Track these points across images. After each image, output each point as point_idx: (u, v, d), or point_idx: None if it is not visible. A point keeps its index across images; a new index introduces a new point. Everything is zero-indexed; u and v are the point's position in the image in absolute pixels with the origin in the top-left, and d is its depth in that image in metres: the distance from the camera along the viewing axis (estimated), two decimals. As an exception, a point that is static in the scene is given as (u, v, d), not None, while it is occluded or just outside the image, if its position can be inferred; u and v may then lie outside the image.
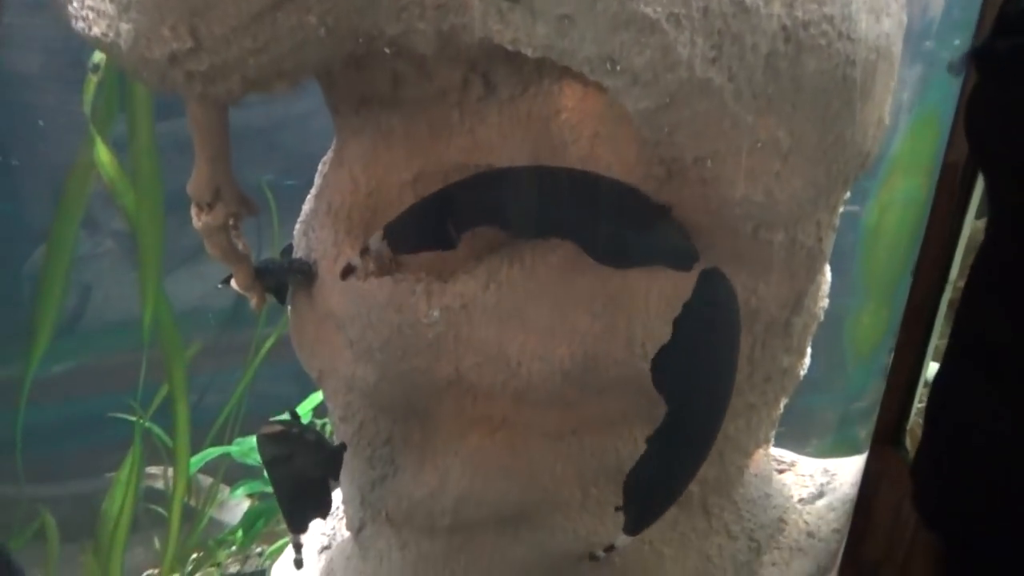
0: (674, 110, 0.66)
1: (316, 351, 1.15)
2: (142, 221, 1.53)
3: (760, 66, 0.66)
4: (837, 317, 1.09)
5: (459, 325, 0.92)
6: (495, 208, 0.87)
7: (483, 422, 1.08)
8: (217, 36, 0.60)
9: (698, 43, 0.61)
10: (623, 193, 0.80)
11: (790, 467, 1.49)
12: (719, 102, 0.66)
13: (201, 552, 2.19)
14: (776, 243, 0.85)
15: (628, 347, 0.91)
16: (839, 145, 0.77)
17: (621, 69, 0.60)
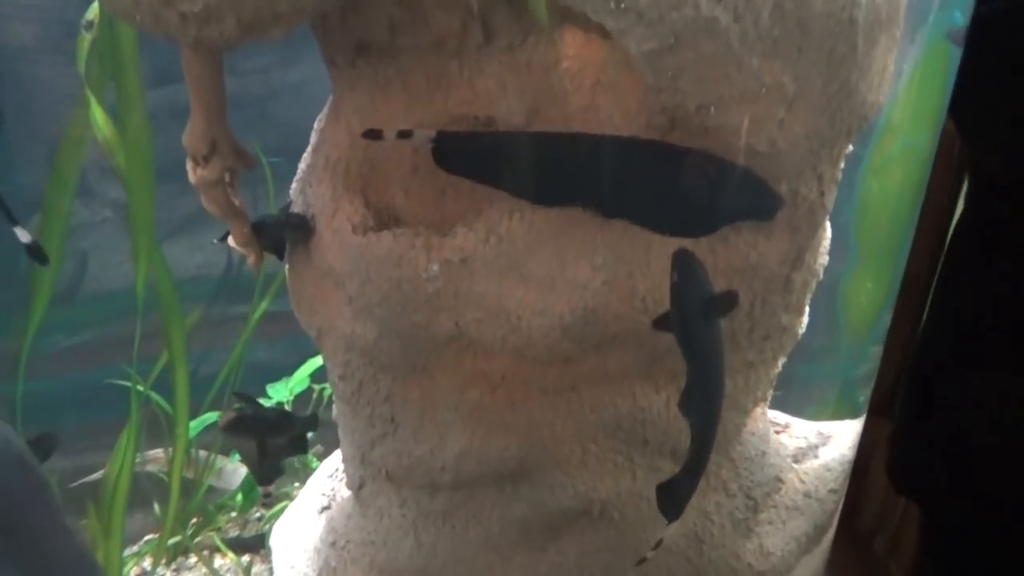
0: (679, 52, 0.65)
1: (315, 309, 1.15)
2: (133, 185, 1.51)
3: (767, 6, 0.64)
4: (836, 280, 1.08)
5: (458, 279, 0.91)
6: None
7: (483, 379, 1.08)
8: (212, -26, 0.59)
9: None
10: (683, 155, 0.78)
11: (784, 429, 1.50)
12: (724, 43, 0.65)
13: (201, 517, 2.20)
14: (778, 195, 0.84)
15: (629, 300, 0.90)
16: (844, 93, 0.76)
17: (625, 7, 0.59)
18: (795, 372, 1.18)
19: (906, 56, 0.98)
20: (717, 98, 0.71)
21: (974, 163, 1.01)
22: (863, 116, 0.82)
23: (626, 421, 1.08)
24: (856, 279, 1.34)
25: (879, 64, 0.78)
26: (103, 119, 1.58)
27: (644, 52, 0.65)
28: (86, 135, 1.63)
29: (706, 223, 0.79)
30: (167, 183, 1.66)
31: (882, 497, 1.85)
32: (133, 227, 1.63)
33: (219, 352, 2.17)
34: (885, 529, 1.88)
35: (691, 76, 0.68)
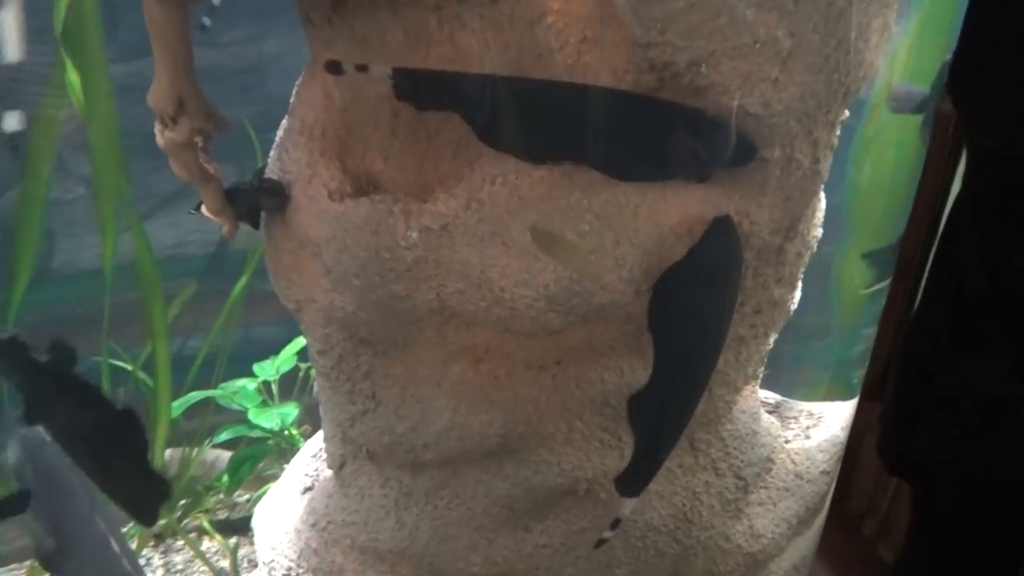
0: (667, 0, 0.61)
1: (292, 281, 1.11)
2: (99, 157, 1.47)
3: (760, -49, 0.61)
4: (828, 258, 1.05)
5: (439, 248, 0.88)
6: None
7: (466, 353, 1.04)
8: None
9: (693, -81, 0.56)
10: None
11: (775, 408, 1.48)
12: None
13: (190, 499, 2.17)
14: (771, 161, 0.81)
15: (615, 270, 0.87)
16: (842, 51, 0.73)
17: (610, -52, 0.55)
18: (786, 352, 1.16)
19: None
20: (708, 54, 0.68)
21: (972, 142, 0.98)
22: (861, 77, 0.79)
23: (613, 397, 1.05)
24: (849, 257, 1.31)
25: (879, 21, 0.75)
26: (79, 83, 1.53)
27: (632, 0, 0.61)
28: (63, 104, 1.59)
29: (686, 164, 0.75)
30: (143, 159, 1.62)
31: (872, 480, 1.84)
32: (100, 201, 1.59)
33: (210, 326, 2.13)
34: (875, 512, 1.87)
35: (680, 28, 0.65)
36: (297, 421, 2.03)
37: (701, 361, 0.92)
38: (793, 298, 1.13)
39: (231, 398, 2.08)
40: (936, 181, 1.53)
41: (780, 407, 1.49)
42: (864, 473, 1.82)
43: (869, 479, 1.82)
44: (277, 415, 2.06)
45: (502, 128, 0.79)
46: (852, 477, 1.83)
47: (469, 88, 0.79)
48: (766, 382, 1.28)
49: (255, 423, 2.04)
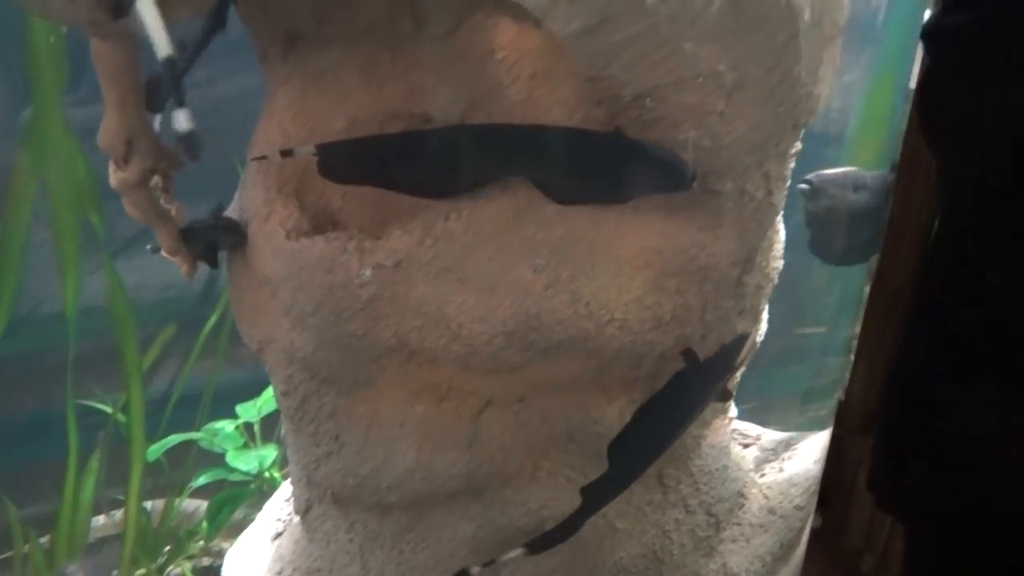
0: (606, 33, 0.62)
1: (254, 320, 1.10)
2: (57, 197, 1.45)
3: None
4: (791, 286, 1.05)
5: (394, 285, 0.87)
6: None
7: (429, 391, 1.03)
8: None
9: (625, -46, 0.57)
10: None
11: (755, 440, 1.46)
12: (653, 25, 0.62)
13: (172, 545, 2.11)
14: (724, 193, 0.81)
15: (572, 305, 0.86)
16: (787, 83, 0.73)
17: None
18: (750, 381, 1.15)
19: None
20: (652, 87, 0.68)
21: (945, 171, 0.98)
22: (809, 109, 0.79)
23: (578, 433, 1.03)
24: (812, 284, 1.31)
25: (824, 55, 0.75)
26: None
27: (568, 34, 0.61)
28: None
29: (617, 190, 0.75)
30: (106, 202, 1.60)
31: (869, 516, 1.82)
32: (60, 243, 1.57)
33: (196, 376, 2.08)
34: (873, 548, 1.84)
35: (622, 62, 0.65)
36: (278, 463, 1.99)
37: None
38: (758, 330, 1.12)
39: (211, 440, 2.04)
40: (923, 211, 1.54)
41: (761, 439, 1.47)
42: (860, 508, 1.79)
43: (865, 514, 1.79)
44: (255, 457, 2.02)
45: (432, 178, 0.79)
46: (848, 512, 1.81)
47: (391, 151, 0.79)
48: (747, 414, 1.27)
49: (233, 466, 2.00)
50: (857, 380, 1.69)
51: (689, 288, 0.92)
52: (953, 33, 0.85)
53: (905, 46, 1.11)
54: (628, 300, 0.89)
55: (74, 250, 1.67)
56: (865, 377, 1.61)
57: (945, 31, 0.86)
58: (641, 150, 0.72)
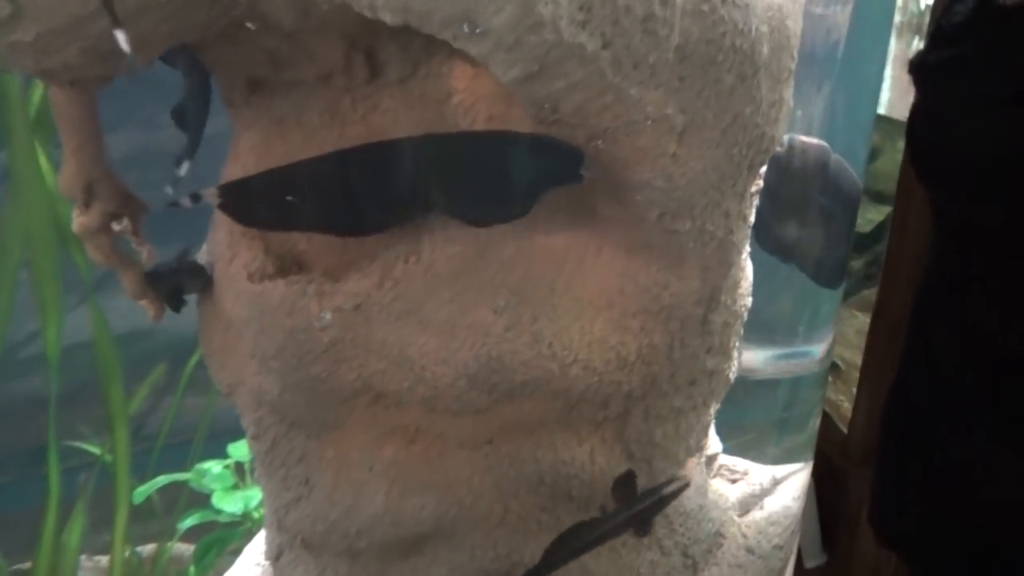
0: (547, 80, 0.62)
1: (223, 362, 1.09)
2: (34, 238, 1.46)
3: (638, 32, 0.62)
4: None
5: (355, 328, 0.87)
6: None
7: (398, 433, 1.02)
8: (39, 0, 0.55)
9: (561, 2, 0.57)
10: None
11: (743, 476, 1.44)
12: (596, 71, 0.62)
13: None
14: (684, 233, 0.81)
15: (534, 346, 0.86)
16: (738, 125, 0.73)
17: (481, 32, 0.56)
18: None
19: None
20: (602, 130, 0.68)
21: (935, 207, 0.99)
22: (764, 150, 0.80)
23: (548, 475, 1.02)
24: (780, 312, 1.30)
25: (773, 96, 0.76)
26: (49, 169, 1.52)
27: (511, 80, 0.61)
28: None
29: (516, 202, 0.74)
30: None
31: (874, 551, 1.79)
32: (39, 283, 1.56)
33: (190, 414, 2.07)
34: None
35: (569, 106, 0.65)
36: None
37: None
38: (730, 367, 1.11)
39: (199, 481, 2.01)
40: (919, 242, 1.53)
41: (748, 474, 1.45)
42: (866, 543, 1.76)
43: (871, 549, 1.76)
44: (241, 498, 1.99)
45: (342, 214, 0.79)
46: (854, 547, 1.77)
47: (297, 185, 0.79)
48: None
49: (218, 507, 1.97)
50: (860, 413, 1.67)
51: (654, 327, 0.91)
52: (939, 68, 0.86)
53: (871, 75, 1.12)
54: (591, 340, 0.89)
55: (54, 291, 1.67)
56: (867, 410, 1.60)
57: (931, 66, 0.87)
58: (528, 142, 0.71)
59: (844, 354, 2.07)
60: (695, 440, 1.14)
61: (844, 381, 2.01)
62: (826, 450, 1.64)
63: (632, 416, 1.02)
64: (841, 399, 1.95)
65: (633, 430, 1.03)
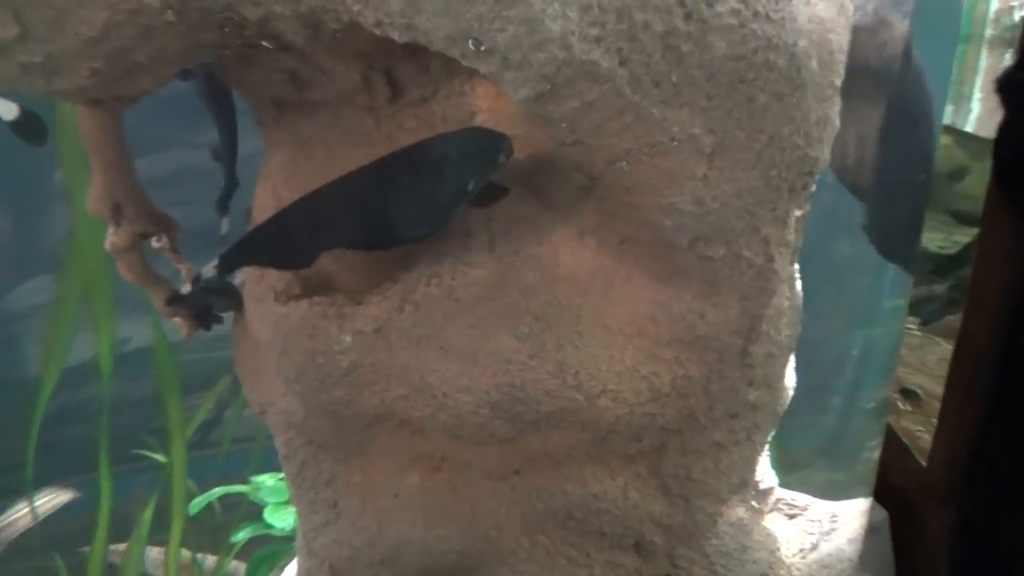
0: (561, 100, 0.59)
1: (255, 383, 1.09)
2: (88, 256, 1.50)
3: (658, 48, 0.58)
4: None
5: (375, 352, 0.84)
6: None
7: (423, 460, 0.99)
8: (44, 20, 0.55)
9: (572, 17, 0.54)
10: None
11: (802, 511, 1.36)
12: (613, 90, 0.59)
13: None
14: (718, 259, 0.76)
15: (559, 375, 0.82)
16: (775, 146, 0.68)
17: (487, 49, 0.53)
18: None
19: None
20: (625, 152, 0.64)
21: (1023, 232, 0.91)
22: (806, 172, 0.74)
23: (578, 510, 0.97)
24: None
25: (815, 114, 0.70)
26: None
27: (522, 99, 0.58)
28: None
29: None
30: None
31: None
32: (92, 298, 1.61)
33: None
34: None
35: (586, 127, 0.62)
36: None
37: None
38: (778, 399, 1.05)
39: (255, 494, 2.03)
40: (1005, 271, 1.42)
41: (807, 510, 1.37)
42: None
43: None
44: (291, 514, 2.00)
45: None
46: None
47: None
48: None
49: (269, 522, 1.98)
50: (940, 446, 1.56)
51: (689, 358, 0.86)
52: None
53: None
54: (621, 370, 0.84)
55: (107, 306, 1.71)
56: (948, 443, 1.49)
57: (1019, 83, 0.81)
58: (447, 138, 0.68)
59: (924, 383, 1.95)
60: (739, 476, 1.07)
61: (923, 411, 1.89)
62: (902, 485, 1.54)
63: (668, 450, 0.97)
64: (919, 430, 1.83)
65: (669, 464, 0.98)
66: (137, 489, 2.02)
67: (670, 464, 0.97)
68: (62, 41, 0.56)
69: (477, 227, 0.82)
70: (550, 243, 0.78)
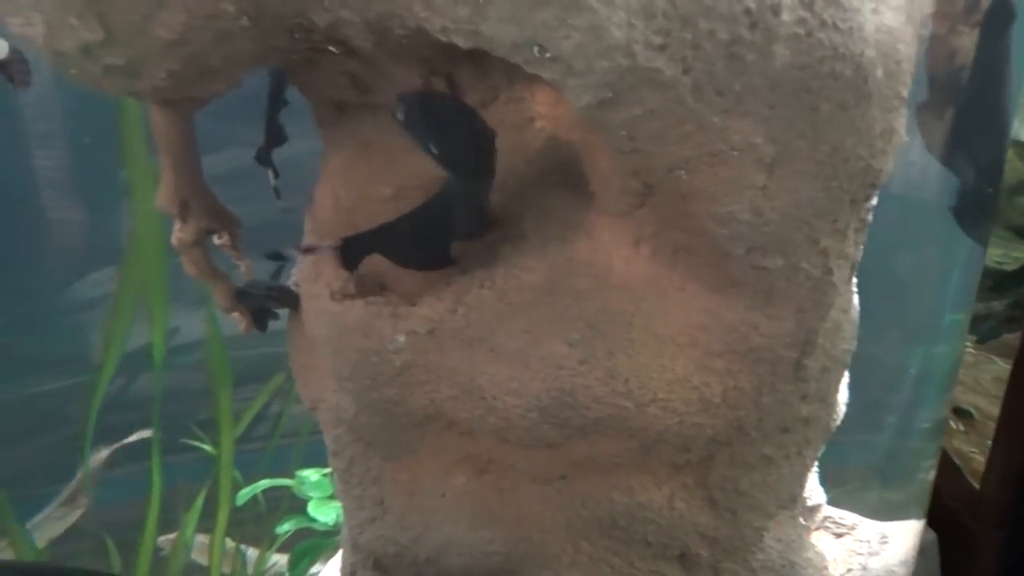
0: (622, 107, 0.59)
1: (308, 379, 1.11)
2: (143, 246, 1.54)
3: (722, 56, 0.57)
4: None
5: (428, 352, 0.85)
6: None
7: (470, 461, 1.00)
8: (128, 24, 0.57)
9: (637, 25, 0.54)
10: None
11: (850, 531, 1.34)
12: (675, 98, 0.58)
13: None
14: (774, 270, 0.75)
15: (609, 383, 0.82)
16: (838, 157, 0.67)
17: (551, 56, 0.54)
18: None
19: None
20: (684, 160, 0.64)
21: None
22: (869, 184, 0.73)
23: (623, 518, 0.97)
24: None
25: (880, 125, 0.69)
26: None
27: (584, 106, 0.59)
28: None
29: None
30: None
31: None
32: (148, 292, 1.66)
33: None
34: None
35: (647, 135, 0.62)
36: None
37: None
38: (831, 414, 1.03)
39: (299, 488, 2.07)
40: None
41: (856, 529, 1.35)
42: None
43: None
44: (335, 509, 2.03)
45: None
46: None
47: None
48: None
49: (313, 516, 2.01)
50: (994, 468, 1.52)
51: (741, 369, 0.85)
52: None
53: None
54: (672, 379, 0.84)
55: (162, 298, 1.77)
56: (1003, 465, 1.45)
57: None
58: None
59: (978, 402, 1.89)
60: (787, 491, 1.06)
61: (977, 432, 1.83)
62: (953, 506, 1.50)
63: (716, 461, 0.96)
64: (972, 451, 1.78)
65: (717, 476, 0.97)
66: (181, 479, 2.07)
67: (718, 476, 0.96)
68: (143, 44, 0.58)
69: (531, 232, 0.82)
70: (604, 250, 0.78)
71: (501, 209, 0.81)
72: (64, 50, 0.58)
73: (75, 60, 0.59)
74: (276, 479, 2.03)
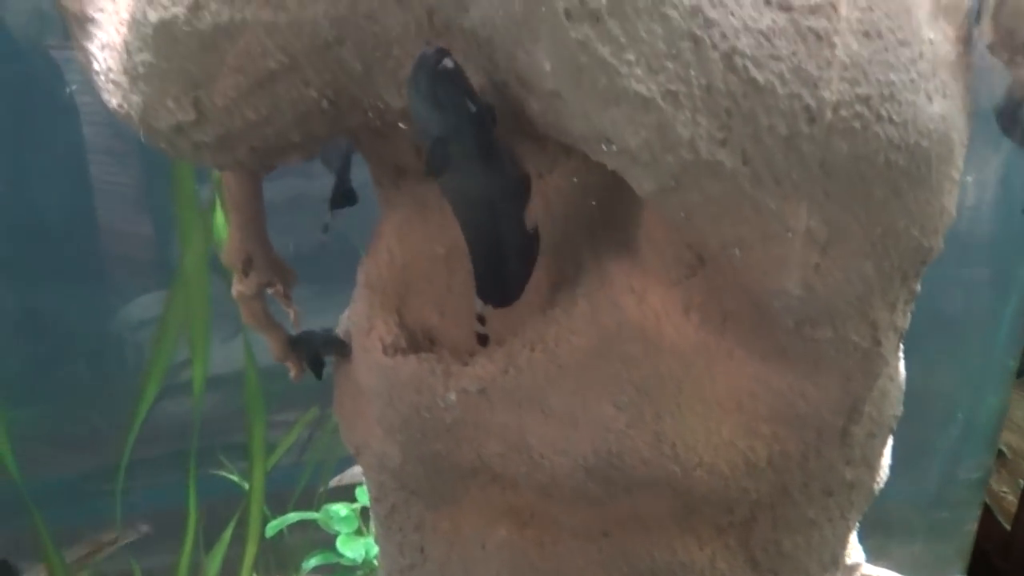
0: (683, 193, 0.61)
1: (353, 425, 1.13)
2: (189, 276, 1.59)
3: (780, 148, 0.60)
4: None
5: (478, 410, 0.88)
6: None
7: (512, 514, 1.02)
8: (219, 108, 0.61)
9: (701, 123, 0.57)
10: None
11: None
12: (734, 186, 0.61)
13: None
14: (823, 341, 0.77)
15: (656, 446, 0.83)
16: (890, 237, 0.69)
17: (618, 149, 0.56)
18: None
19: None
20: (738, 239, 0.66)
21: None
22: (920, 261, 0.74)
23: (663, 574, 0.98)
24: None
25: (933, 206, 0.71)
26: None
27: (646, 192, 0.61)
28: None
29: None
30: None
31: None
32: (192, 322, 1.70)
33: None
34: None
35: (704, 216, 0.64)
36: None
37: None
38: (876, 477, 1.03)
39: (327, 522, 2.08)
40: None
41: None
42: None
43: None
44: (363, 545, 2.03)
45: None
46: None
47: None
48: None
49: (341, 551, 2.02)
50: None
51: (788, 435, 0.87)
52: None
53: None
54: (718, 443, 0.85)
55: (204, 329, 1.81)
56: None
57: None
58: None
59: (1011, 441, 1.85)
60: (830, 553, 1.06)
61: (1009, 470, 1.79)
62: (984, 547, 1.47)
63: (759, 523, 0.96)
64: (1004, 491, 1.74)
65: (759, 538, 0.97)
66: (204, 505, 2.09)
67: (760, 537, 0.97)
68: (231, 124, 0.62)
69: (582, 296, 0.85)
70: (655, 316, 0.80)
71: (556, 273, 0.83)
72: (160, 128, 0.61)
73: (167, 137, 0.62)
74: (305, 512, 2.05)
